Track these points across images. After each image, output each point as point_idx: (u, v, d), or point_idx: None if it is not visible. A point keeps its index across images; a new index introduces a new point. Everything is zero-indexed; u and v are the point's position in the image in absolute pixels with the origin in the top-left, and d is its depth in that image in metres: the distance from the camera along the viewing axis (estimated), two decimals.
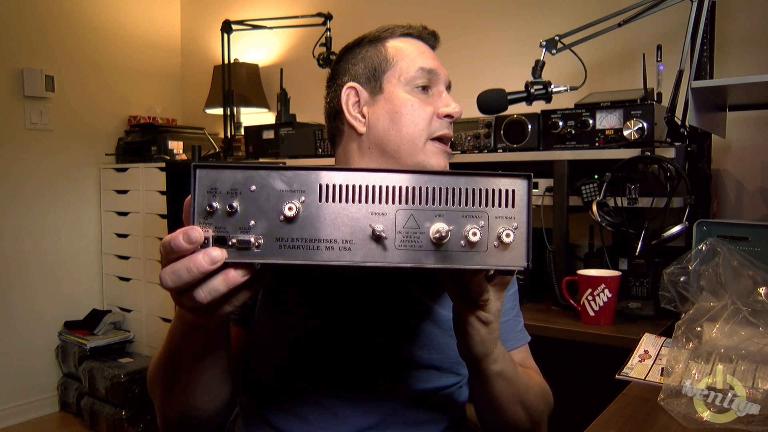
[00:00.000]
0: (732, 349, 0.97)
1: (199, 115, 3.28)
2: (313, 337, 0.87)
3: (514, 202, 0.59)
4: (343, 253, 0.58)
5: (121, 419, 2.66)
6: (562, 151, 1.72)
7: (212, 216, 0.57)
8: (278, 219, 0.57)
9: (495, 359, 0.75)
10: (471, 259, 0.59)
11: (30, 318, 2.95)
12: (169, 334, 0.75)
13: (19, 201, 2.90)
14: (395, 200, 0.58)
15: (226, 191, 0.58)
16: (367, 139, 0.90)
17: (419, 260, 0.58)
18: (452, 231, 0.58)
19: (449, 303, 0.73)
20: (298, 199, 0.58)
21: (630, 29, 1.70)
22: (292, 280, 0.89)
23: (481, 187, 0.59)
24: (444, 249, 0.58)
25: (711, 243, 1.15)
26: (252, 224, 0.57)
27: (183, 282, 0.56)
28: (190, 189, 0.57)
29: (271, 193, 0.58)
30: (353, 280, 0.89)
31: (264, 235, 0.57)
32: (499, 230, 0.58)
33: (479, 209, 0.59)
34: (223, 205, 0.57)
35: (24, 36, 2.90)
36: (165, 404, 0.81)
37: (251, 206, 0.57)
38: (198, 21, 3.48)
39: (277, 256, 0.57)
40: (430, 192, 0.59)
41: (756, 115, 1.82)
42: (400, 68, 0.89)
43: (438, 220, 0.58)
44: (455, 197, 0.59)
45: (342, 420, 0.85)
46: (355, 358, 0.87)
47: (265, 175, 0.58)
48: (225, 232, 0.57)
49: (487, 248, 0.59)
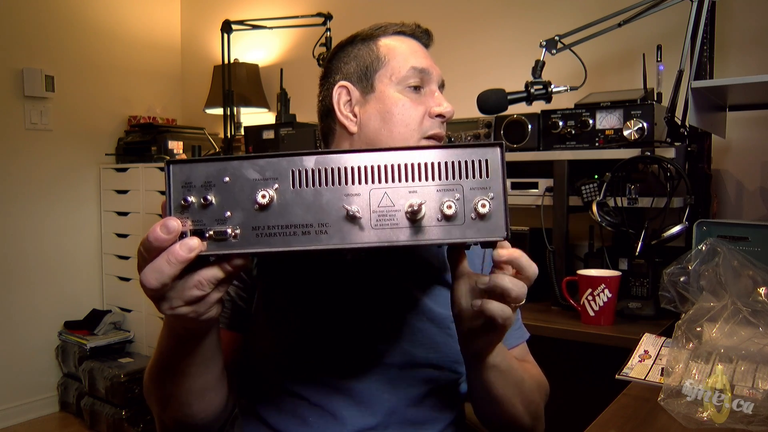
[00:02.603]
0: (732, 349, 0.97)
1: (199, 115, 3.28)
2: (310, 338, 0.87)
3: (488, 172, 0.59)
4: (320, 237, 0.58)
5: (121, 419, 2.66)
6: (562, 151, 1.72)
7: (188, 210, 0.58)
8: (253, 208, 0.58)
9: (494, 354, 0.76)
10: (449, 233, 0.58)
11: (30, 318, 2.94)
12: (159, 345, 0.74)
13: (19, 201, 2.90)
14: (368, 180, 0.58)
15: (200, 184, 0.58)
16: (358, 138, 0.90)
17: (396, 238, 0.58)
18: (427, 205, 0.58)
19: (446, 301, 0.73)
20: (272, 187, 0.58)
21: (630, 29, 1.70)
22: (287, 281, 0.89)
23: (454, 160, 0.59)
24: (420, 224, 0.58)
25: (711, 243, 1.15)
26: (228, 215, 0.58)
27: (166, 277, 0.56)
28: (165, 185, 0.58)
29: (244, 183, 0.58)
30: (349, 281, 0.89)
31: (241, 225, 0.58)
32: (475, 201, 0.58)
33: (453, 182, 0.59)
34: (198, 199, 0.58)
35: (24, 36, 2.90)
36: (162, 413, 0.80)
37: (226, 197, 0.58)
38: (198, 21, 3.48)
39: (255, 245, 0.58)
40: (402, 169, 0.59)
41: (756, 115, 1.82)
42: (391, 67, 0.89)
43: (412, 196, 0.58)
44: (428, 172, 0.59)
45: (342, 421, 0.85)
46: (353, 359, 0.87)
47: (238, 165, 0.58)
48: (202, 225, 0.57)
49: (465, 220, 0.58)
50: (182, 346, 0.71)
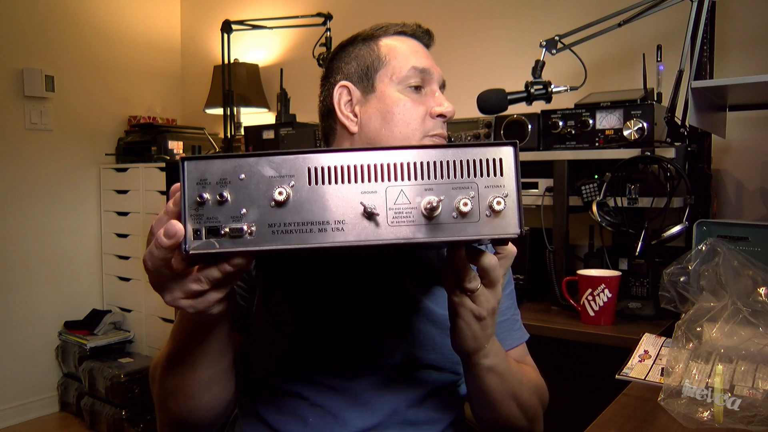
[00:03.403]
0: (732, 350, 0.97)
1: (199, 115, 3.28)
2: (310, 339, 0.87)
3: (502, 170, 0.59)
4: (336, 234, 0.58)
5: (121, 419, 2.66)
6: (562, 151, 1.72)
7: (203, 207, 0.57)
8: (269, 205, 0.57)
9: (486, 354, 0.75)
10: (464, 230, 0.59)
11: (30, 318, 2.95)
12: (172, 333, 0.75)
13: (19, 201, 2.90)
14: (384, 178, 0.59)
15: (216, 181, 0.58)
16: (359, 138, 0.90)
17: (412, 235, 0.58)
18: (443, 203, 0.58)
19: (446, 301, 0.73)
20: (288, 184, 0.58)
21: (630, 29, 1.70)
22: (288, 281, 0.88)
23: (469, 158, 0.59)
24: (436, 222, 0.58)
25: (711, 243, 1.15)
26: (243, 212, 0.57)
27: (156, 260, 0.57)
28: (180, 182, 0.57)
29: (260, 180, 0.58)
30: (350, 282, 0.89)
31: (256, 222, 0.57)
32: (489, 199, 0.59)
33: (468, 180, 0.59)
34: (213, 196, 0.57)
35: (24, 36, 2.90)
36: (166, 406, 0.80)
37: (242, 194, 0.58)
38: (198, 21, 3.48)
39: (271, 242, 0.57)
40: (419, 167, 0.59)
41: (756, 115, 1.82)
42: (392, 67, 0.89)
43: (428, 194, 0.58)
44: (444, 170, 0.59)
45: (342, 421, 0.85)
46: (353, 360, 0.87)
47: (254, 162, 0.58)
48: (217, 222, 0.57)
49: (479, 218, 0.59)
50: (194, 333, 0.71)
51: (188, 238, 0.57)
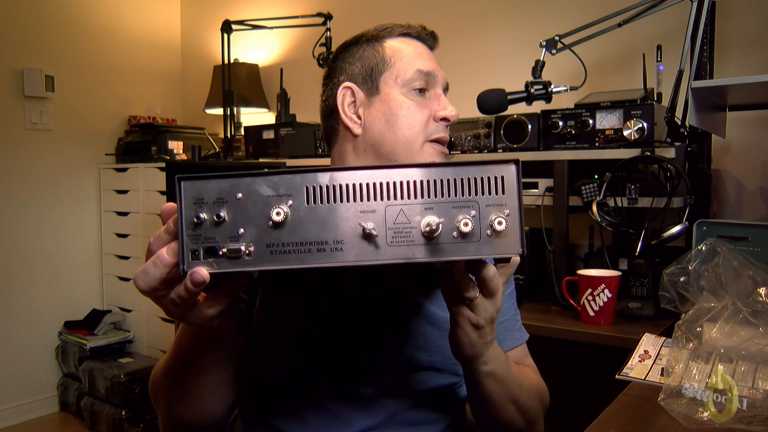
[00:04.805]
0: (732, 350, 0.97)
1: (199, 115, 3.28)
2: (311, 340, 0.86)
3: (504, 188, 0.58)
4: (335, 254, 0.57)
5: (121, 419, 2.66)
6: (562, 151, 1.72)
7: (200, 227, 0.57)
8: (267, 225, 0.57)
9: (485, 361, 0.75)
10: (464, 250, 0.58)
11: (30, 318, 2.95)
12: (177, 338, 0.75)
13: (19, 201, 2.90)
14: (383, 197, 0.58)
15: (213, 201, 0.57)
16: (362, 140, 0.89)
17: (412, 255, 0.57)
18: (443, 223, 0.57)
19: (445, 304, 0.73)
20: (286, 203, 0.57)
21: (630, 29, 1.70)
22: (288, 284, 0.88)
23: (470, 177, 0.58)
24: (436, 242, 0.58)
25: (711, 243, 1.15)
26: (241, 232, 0.57)
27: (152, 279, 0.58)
28: (176, 202, 0.57)
29: (258, 199, 0.57)
30: (350, 284, 0.88)
31: (254, 242, 0.57)
32: (491, 218, 0.58)
33: (469, 199, 0.58)
34: (210, 216, 0.57)
35: (24, 36, 2.90)
36: (171, 411, 0.80)
37: (239, 214, 0.57)
38: (198, 21, 3.48)
39: (269, 262, 0.57)
40: (418, 186, 0.58)
41: (756, 115, 1.82)
42: (397, 69, 0.88)
43: (428, 213, 0.58)
44: (444, 189, 0.58)
45: (343, 422, 0.85)
46: (354, 362, 0.86)
47: (251, 181, 0.57)
48: (215, 243, 0.57)
49: (480, 237, 0.58)
50: (200, 339, 0.72)
51: (186, 258, 0.57)
